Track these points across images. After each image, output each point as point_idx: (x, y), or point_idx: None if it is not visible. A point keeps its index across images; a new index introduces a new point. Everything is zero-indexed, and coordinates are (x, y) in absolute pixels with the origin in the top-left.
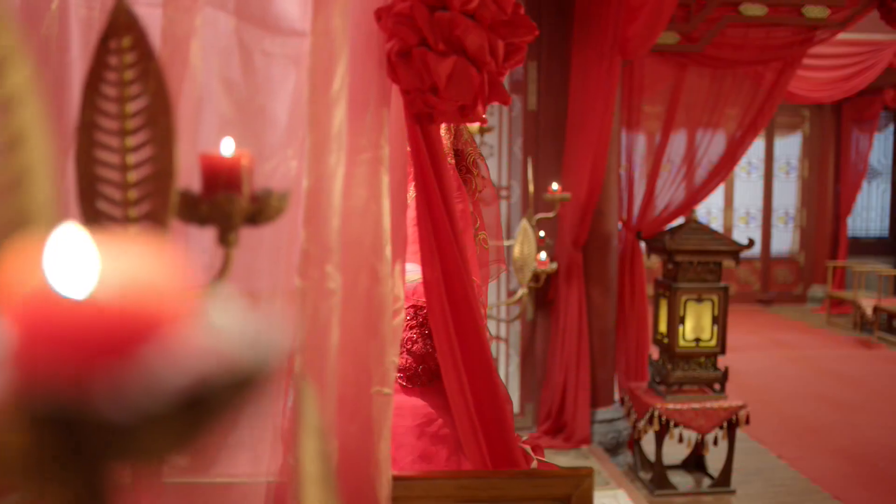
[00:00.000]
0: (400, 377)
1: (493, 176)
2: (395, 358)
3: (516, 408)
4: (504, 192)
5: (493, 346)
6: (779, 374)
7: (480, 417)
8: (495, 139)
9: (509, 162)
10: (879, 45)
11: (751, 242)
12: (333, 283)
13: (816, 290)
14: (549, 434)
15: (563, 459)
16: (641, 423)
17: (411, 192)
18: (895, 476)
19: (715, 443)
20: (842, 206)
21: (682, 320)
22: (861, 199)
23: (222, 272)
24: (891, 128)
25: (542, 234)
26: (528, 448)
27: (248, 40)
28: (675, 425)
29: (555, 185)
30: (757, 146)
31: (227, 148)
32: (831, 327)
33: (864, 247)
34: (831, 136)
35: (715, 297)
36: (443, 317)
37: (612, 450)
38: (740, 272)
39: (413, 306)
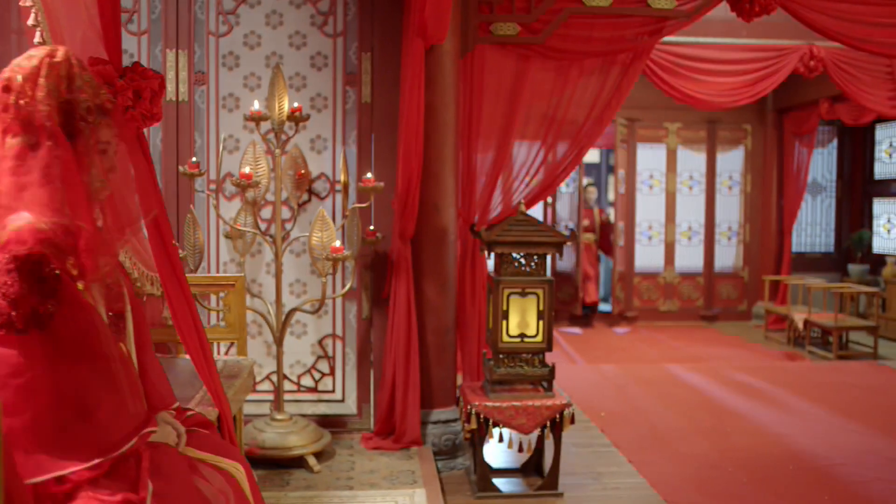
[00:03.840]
0: None
1: (327, 169)
2: None
3: (353, 409)
4: (338, 186)
5: (329, 343)
6: (677, 383)
7: None
8: (329, 132)
9: (344, 154)
10: (783, 51)
11: (572, 234)
12: None
13: (761, 307)
14: (380, 435)
15: (385, 460)
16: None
17: (9, 142)
18: (737, 481)
19: (540, 443)
20: (785, 220)
21: (506, 315)
22: (806, 215)
23: None
24: (835, 143)
25: (371, 227)
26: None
27: None
28: (495, 424)
29: (368, 175)
30: (698, 161)
31: None
32: (767, 342)
33: (810, 262)
34: (773, 150)
35: (540, 291)
36: None
37: (450, 452)
38: (683, 288)
39: (11, 251)
